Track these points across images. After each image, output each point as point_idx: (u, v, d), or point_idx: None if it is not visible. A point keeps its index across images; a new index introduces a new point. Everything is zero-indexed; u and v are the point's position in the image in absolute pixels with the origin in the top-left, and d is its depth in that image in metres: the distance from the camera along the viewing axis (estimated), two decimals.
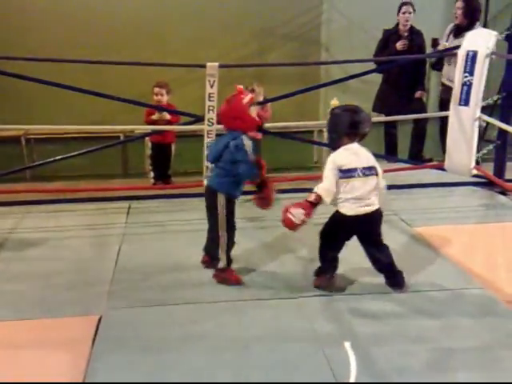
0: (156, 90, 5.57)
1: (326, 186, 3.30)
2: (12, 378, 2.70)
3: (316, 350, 2.86)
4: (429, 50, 6.31)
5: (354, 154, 3.33)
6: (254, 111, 3.51)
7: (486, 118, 5.05)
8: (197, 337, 3.00)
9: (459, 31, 5.65)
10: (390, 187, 5.31)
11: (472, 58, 4.77)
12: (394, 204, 5.00)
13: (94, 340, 2.97)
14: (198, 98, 5.04)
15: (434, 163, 5.87)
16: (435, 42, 6.21)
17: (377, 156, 3.51)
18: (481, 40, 4.83)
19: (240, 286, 3.53)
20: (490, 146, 5.51)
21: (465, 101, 4.87)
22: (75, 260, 3.95)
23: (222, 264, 3.54)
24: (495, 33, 4.89)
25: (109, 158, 6.25)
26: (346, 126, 3.33)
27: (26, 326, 3.15)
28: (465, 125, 4.92)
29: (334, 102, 3.49)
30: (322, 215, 3.48)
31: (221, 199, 3.42)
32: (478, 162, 5.32)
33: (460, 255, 3.94)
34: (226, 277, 3.57)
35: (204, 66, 4.70)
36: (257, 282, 3.60)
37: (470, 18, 5.58)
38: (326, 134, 3.31)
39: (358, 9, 7.20)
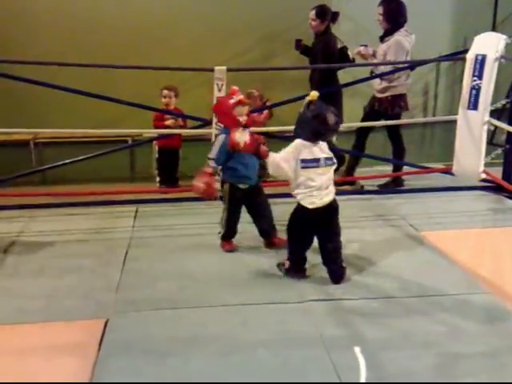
0: (165, 92, 5.58)
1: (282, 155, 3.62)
2: (18, 381, 2.71)
3: (322, 354, 2.85)
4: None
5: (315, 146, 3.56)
6: (240, 112, 3.84)
7: (494, 122, 5.03)
8: (203, 341, 3.00)
9: (384, 36, 5.56)
10: (397, 191, 5.40)
11: (481, 61, 4.75)
12: (401, 208, 4.99)
13: (100, 344, 2.97)
14: (206, 101, 5.04)
15: (442, 167, 5.83)
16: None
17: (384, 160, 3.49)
18: (490, 44, 4.81)
19: (246, 289, 3.53)
20: (499, 150, 5.49)
21: (473, 105, 4.86)
22: (82, 263, 3.95)
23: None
24: (504, 36, 4.88)
25: (116, 161, 6.25)
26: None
27: (32, 329, 3.16)
28: (473, 129, 4.90)
29: (314, 94, 3.55)
30: None
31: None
32: None
33: (467, 260, 3.92)
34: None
35: (212, 70, 4.71)
36: (263, 286, 3.60)
37: (392, 22, 5.47)
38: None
39: (365, 13, 7.17)
